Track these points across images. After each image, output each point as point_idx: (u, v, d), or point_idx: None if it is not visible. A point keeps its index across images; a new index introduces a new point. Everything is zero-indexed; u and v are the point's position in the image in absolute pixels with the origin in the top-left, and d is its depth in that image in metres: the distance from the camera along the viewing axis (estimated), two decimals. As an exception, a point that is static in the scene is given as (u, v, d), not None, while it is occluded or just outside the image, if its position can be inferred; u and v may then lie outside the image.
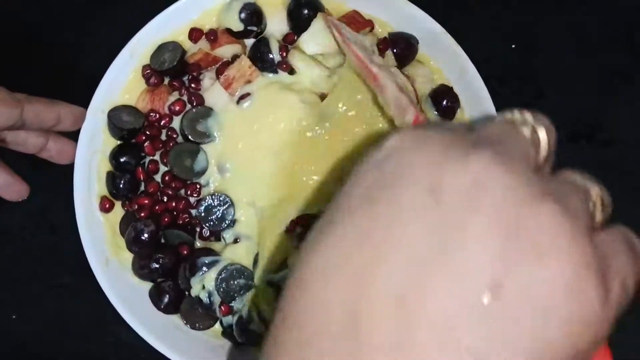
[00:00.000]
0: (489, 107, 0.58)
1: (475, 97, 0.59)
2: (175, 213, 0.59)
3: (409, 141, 0.28)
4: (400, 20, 0.61)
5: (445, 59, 0.60)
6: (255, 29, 0.61)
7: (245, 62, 0.58)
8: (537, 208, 0.25)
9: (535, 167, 0.28)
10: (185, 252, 0.58)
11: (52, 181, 0.62)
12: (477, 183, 0.25)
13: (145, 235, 0.57)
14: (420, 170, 0.26)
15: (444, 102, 0.60)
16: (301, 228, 0.57)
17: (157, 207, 0.59)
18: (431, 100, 0.60)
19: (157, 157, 0.60)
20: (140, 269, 0.58)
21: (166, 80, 0.61)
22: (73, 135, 0.58)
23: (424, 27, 0.60)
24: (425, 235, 0.25)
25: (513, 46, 0.70)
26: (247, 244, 0.58)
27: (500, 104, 0.58)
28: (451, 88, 0.61)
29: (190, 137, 0.58)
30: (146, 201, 0.58)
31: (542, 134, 0.30)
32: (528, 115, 0.30)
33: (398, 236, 0.25)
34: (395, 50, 0.60)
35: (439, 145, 0.27)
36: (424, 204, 0.25)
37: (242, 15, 0.60)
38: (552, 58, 0.69)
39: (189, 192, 0.59)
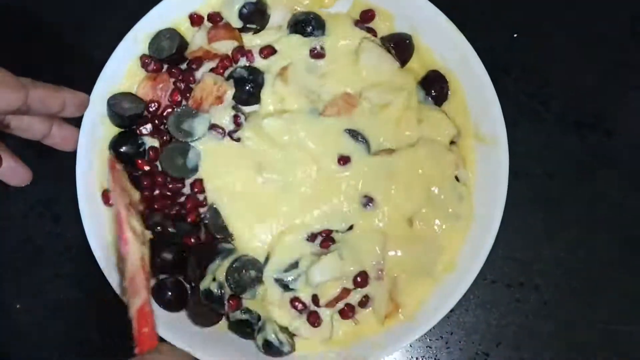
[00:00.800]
0: (491, 94, 0.58)
1: (477, 85, 0.59)
2: (183, 212, 0.59)
3: None
4: (402, 8, 0.61)
5: (447, 47, 0.60)
6: (254, 26, 0.61)
7: (208, 80, 0.58)
8: None
9: None
10: (192, 240, 0.58)
11: (57, 170, 0.62)
12: None
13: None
14: None
15: (434, 88, 0.61)
16: (322, 238, 0.58)
17: (156, 203, 0.58)
18: (421, 86, 0.61)
19: (157, 144, 0.59)
20: None
21: (165, 68, 0.60)
22: (77, 122, 0.58)
23: (426, 15, 0.60)
24: None
25: (515, 35, 0.69)
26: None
27: (505, 92, 0.58)
28: (439, 72, 0.61)
29: (174, 136, 0.58)
30: (146, 193, 0.58)
31: None
32: None
33: None
34: (394, 52, 0.61)
35: None
36: None
37: (242, 12, 0.60)
38: (555, 48, 0.69)
39: (195, 190, 0.58)
